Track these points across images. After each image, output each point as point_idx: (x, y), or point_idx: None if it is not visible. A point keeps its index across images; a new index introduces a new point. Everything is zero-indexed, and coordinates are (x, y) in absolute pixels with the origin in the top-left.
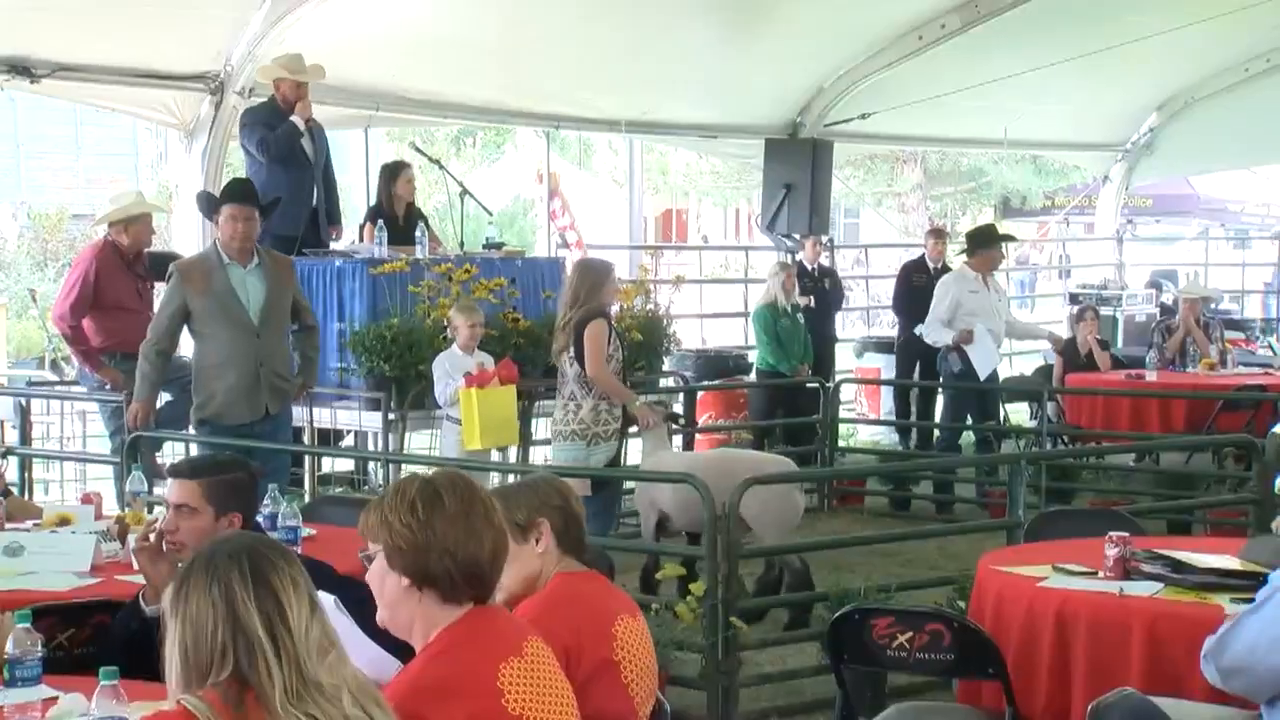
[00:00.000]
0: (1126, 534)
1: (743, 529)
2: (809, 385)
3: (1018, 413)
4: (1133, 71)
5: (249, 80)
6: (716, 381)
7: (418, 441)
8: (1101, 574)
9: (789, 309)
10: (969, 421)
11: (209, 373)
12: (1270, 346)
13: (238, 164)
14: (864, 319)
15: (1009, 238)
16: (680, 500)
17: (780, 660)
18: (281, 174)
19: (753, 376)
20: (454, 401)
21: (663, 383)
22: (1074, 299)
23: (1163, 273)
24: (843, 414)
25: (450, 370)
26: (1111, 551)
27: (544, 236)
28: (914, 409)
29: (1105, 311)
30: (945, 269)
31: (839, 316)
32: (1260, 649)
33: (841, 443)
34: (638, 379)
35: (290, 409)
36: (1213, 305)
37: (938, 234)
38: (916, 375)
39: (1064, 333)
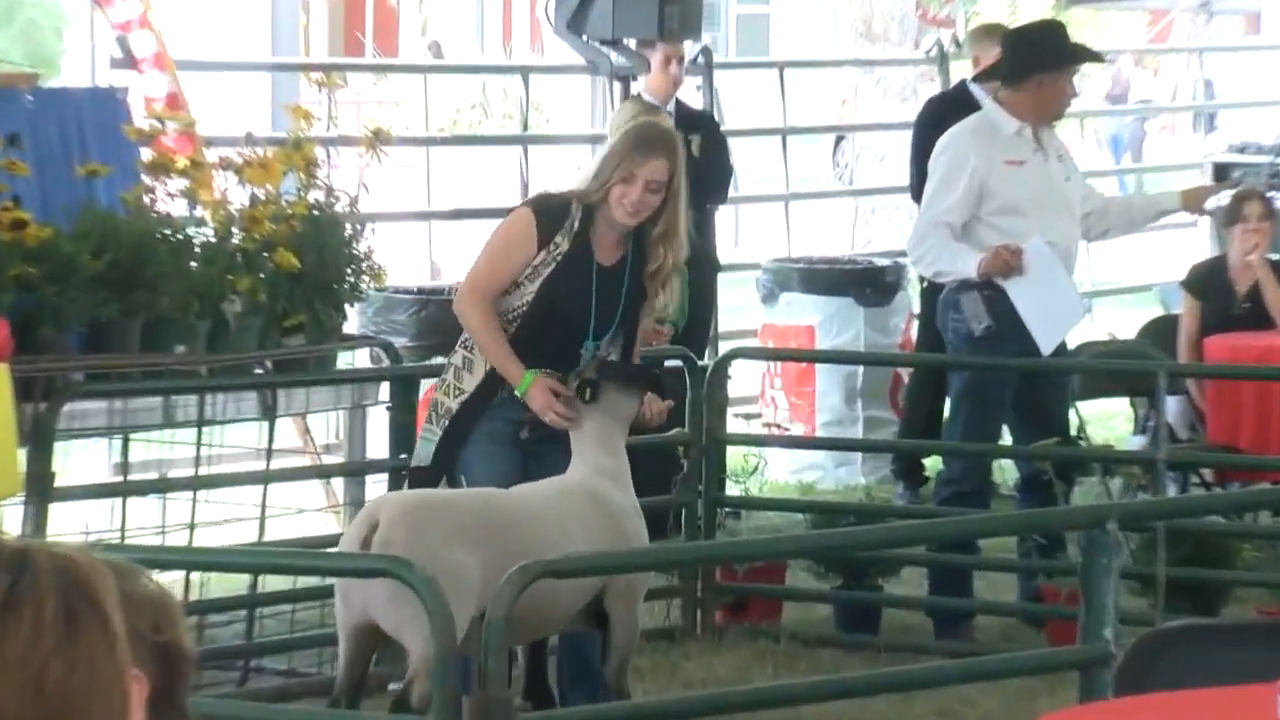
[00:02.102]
0: None
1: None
2: (665, 364)
3: (1105, 418)
4: None
5: None
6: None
7: None
8: None
9: None
10: (1005, 441)
11: None
12: None
13: None
14: (783, 224)
15: (1087, 53)
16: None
17: None
18: None
19: None
20: None
21: (347, 359)
22: (1222, 173)
23: None
24: (734, 422)
25: None
26: None
27: (84, 48)
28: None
29: None
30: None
31: (726, 218)
32: None
33: (734, 486)
34: (286, 353)
35: None
36: None
37: (987, 34)
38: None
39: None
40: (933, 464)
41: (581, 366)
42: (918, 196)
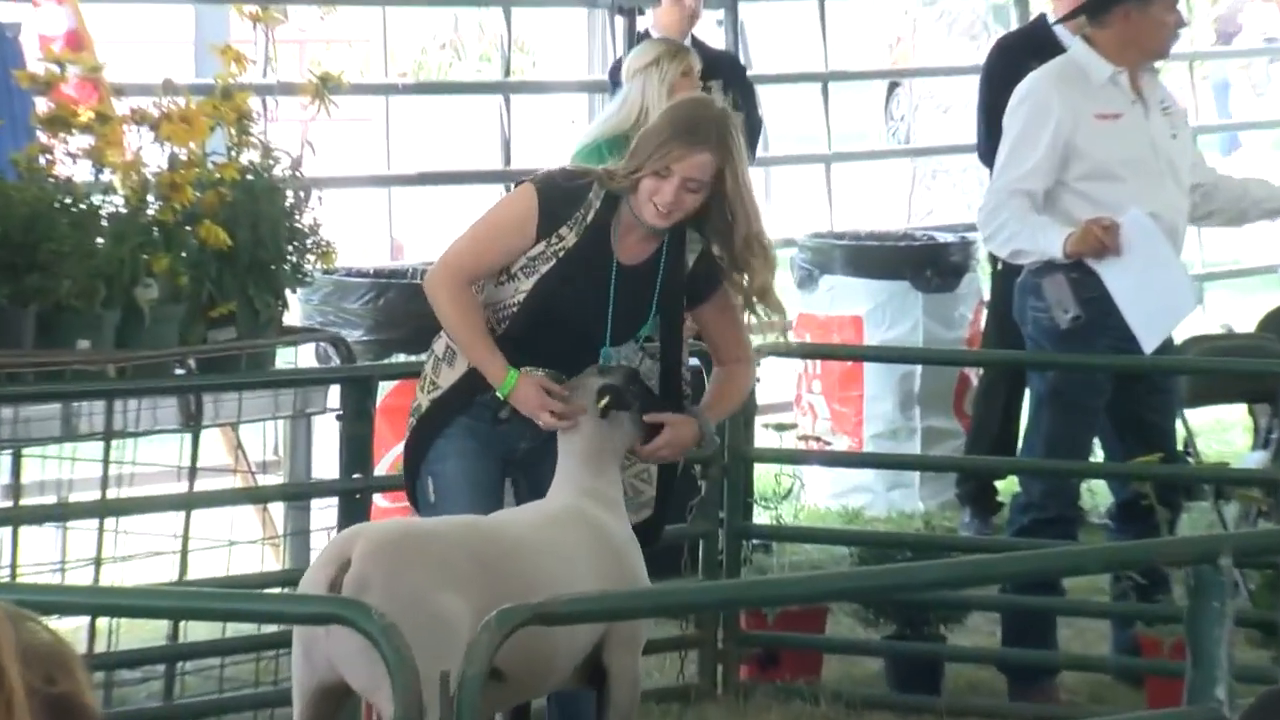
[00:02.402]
0: None
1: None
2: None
3: (1219, 429)
4: None
5: None
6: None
7: None
8: None
9: None
10: (1096, 458)
11: None
12: None
13: None
14: (823, 191)
15: None
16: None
17: None
18: None
19: None
20: None
21: (288, 357)
22: None
23: None
24: (763, 435)
25: None
26: None
27: None
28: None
29: None
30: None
31: (753, 183)
32: None
33: (762, 513)
34: (214, 349)
35: None
36: None
37: None
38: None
39: None
40: (1007, 486)
41: (606, 364)
42: (989, 158)
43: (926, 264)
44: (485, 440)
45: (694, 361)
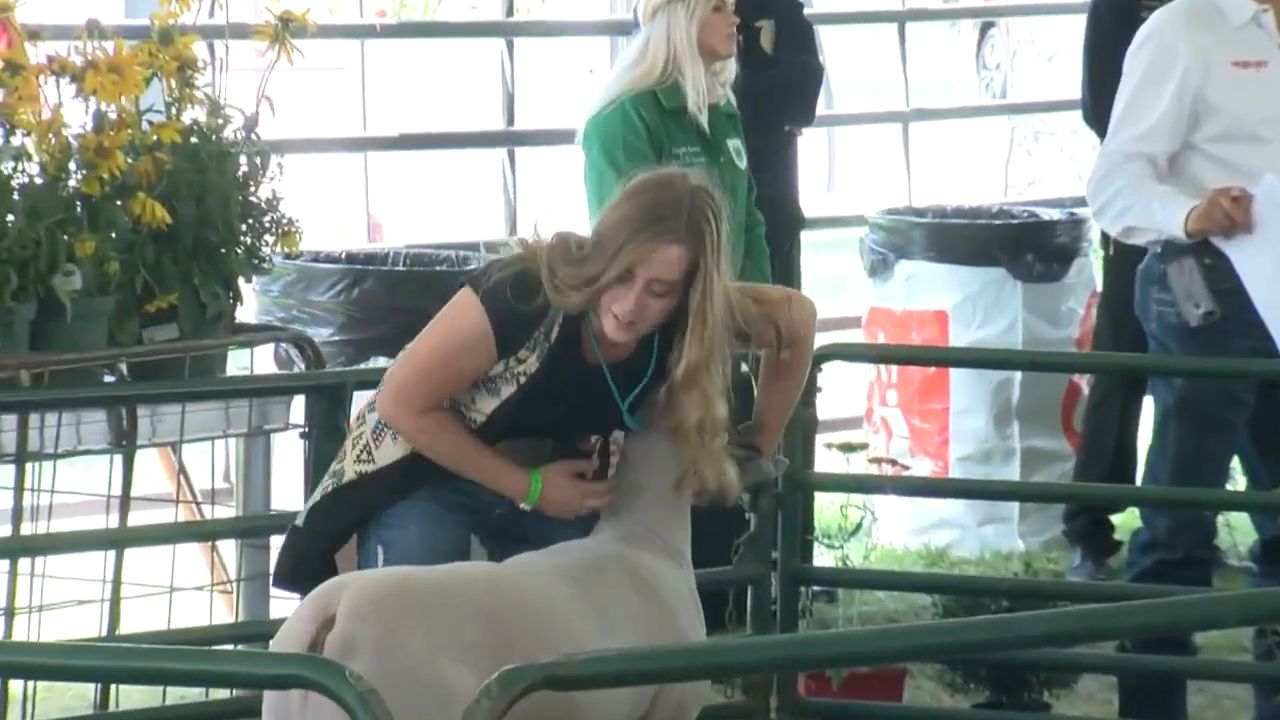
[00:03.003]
0: None
1: None
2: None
3: None
4: None
5: None
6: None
7: None
8: None
9: (704, 120)
10: (1235, 485)
11: None
12: None
13: None
14: (900, 157)
15: None
16: None
17: None
18: None
19: None
20: None
21: (242, 361)
22: None
23: None
24: (827, 457)
25: None
26: None
27: None
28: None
29: None
30: None
31: (814, 147)
32: None
33: (825, 553)
34: (151, 351)
35: None
36: None
37: None
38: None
39: None
40: (1126, 520)
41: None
42: (1096, 118)
43: (1027, 247)
44: (452, 505)
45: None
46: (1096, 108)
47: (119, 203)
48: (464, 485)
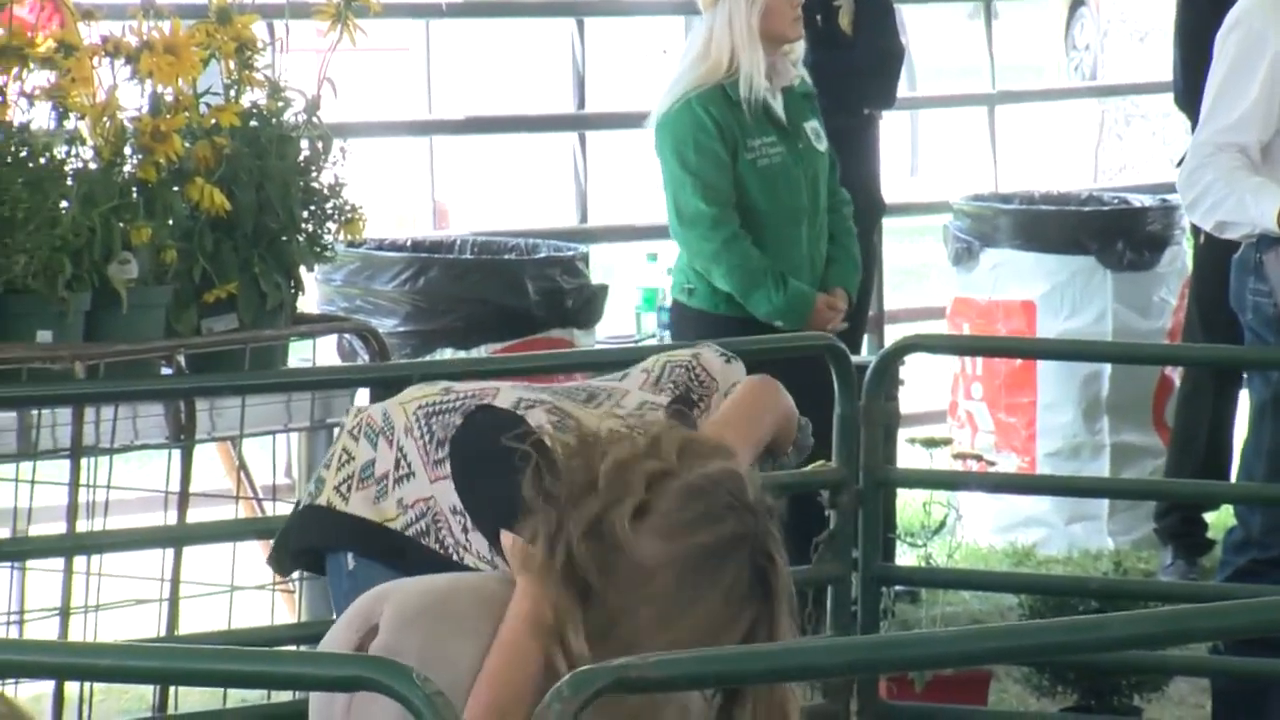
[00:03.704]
0: None
1: None
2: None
3: None
4: None
5: None
6: (502, 353)
7: None
8: None
9: (778, 106)
10: None
11: None
12: None
13: None
14: (986, 140)
15: None
16: None
17: None
18: None
19: (650, 324)
20: None
21: (304, 353)
22: None
23: None
24: (909, 452)
25: None
26: None
27: None
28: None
29: None
30: None
31: (896, 130)
32: None
33: (908, 552)
34: (210, 343)
35: None
36: None
37: None
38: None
39: None
40: (1220, 519)
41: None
42: (1189, 102)
43: (1118, 234)
44: None
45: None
46: (1189, 92)
47: (176, 189)
48: None
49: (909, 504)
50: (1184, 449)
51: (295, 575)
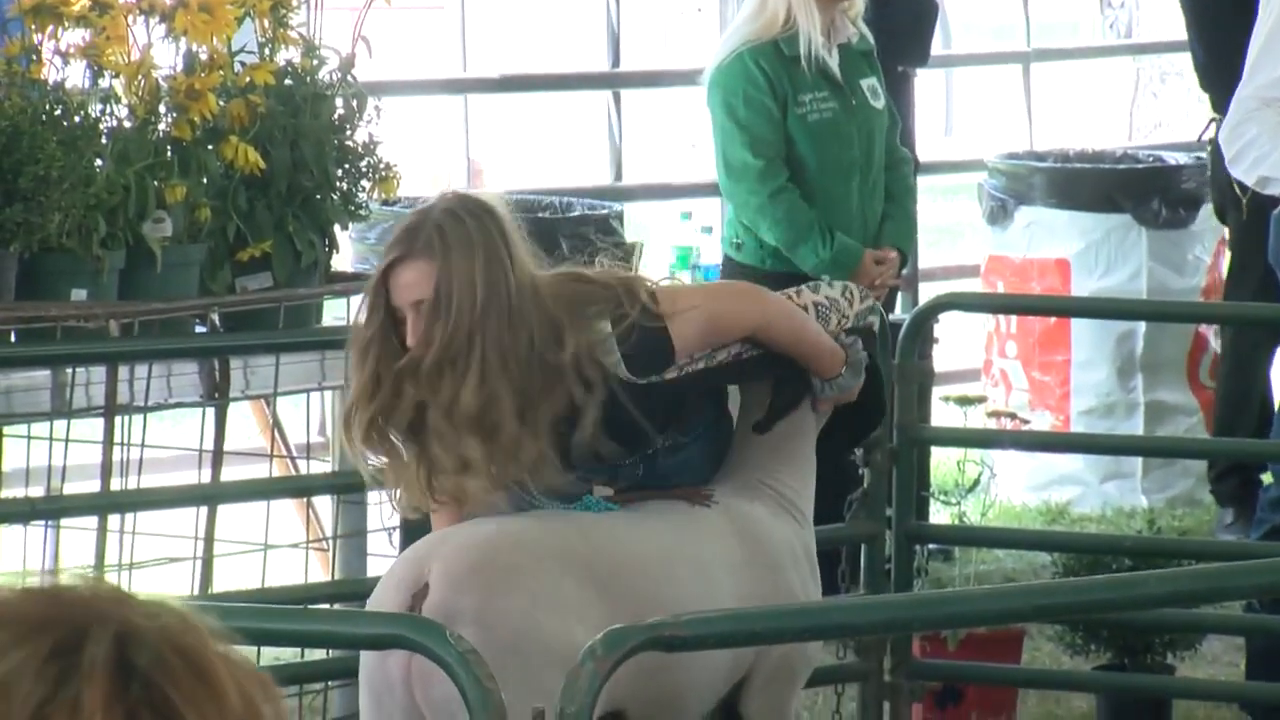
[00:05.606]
0: None
1: None
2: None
3: None
4: None
5: None
6: None
7: None
8: None
9: (834, 62)
10: None
11: None
12: None
13: None
14: (1020, 99)
15: None
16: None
17: None
18: None
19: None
20: None
21: (338, 312)
22: None
23: None
24: (943, 411)
25: None
26: None
27: None
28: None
29: None
30: None
31: (931, 89)
32: None
33: (941, 510)
34: (244, 301)
35: None
36: None
37: None
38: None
39: None
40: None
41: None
42: (1209, 75)
43: (1153, 192)
44: None
45: None
46: (1210, 67)
47: (210, 147)
48: None
49: (943, 462)
50: (1225, 409)
51: (329, 533)
